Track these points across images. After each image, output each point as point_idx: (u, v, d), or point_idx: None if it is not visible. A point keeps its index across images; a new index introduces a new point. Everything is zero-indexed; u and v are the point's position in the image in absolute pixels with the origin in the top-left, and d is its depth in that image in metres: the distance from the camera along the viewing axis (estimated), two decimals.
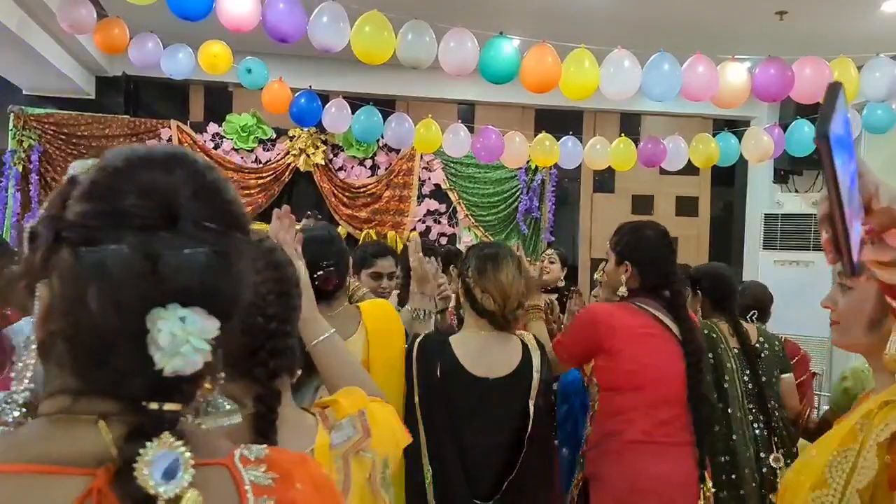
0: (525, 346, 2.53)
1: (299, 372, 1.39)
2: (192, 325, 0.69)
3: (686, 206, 7.92)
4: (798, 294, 7.03)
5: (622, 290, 2.75)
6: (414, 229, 7.05)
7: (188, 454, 0.68)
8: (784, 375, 3.45)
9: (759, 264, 7.39)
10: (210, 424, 0.81)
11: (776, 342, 3.54)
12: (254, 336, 1.28)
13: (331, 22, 4.25)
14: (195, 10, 4.14)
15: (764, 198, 7.70)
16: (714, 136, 6.06)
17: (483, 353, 2.47)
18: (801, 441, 3.32)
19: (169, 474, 0.67)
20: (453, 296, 3.03)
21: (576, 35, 4.68)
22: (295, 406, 1.39)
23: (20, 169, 6.47)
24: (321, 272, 2.21)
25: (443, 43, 4.43)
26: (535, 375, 2.47)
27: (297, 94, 5.67)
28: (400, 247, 6.39)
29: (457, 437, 2.43)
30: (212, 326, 0.70)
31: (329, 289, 2.27)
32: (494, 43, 4.50)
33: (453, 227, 7.20)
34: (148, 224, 0.69)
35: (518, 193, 7.32)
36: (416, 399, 2.41)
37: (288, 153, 6.87)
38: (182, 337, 0.68)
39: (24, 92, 6.62)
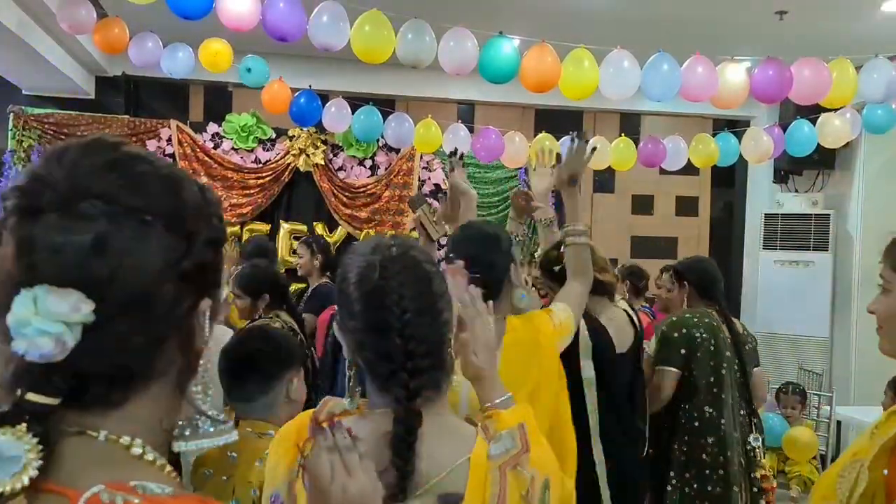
0: (629, 314, 2.68)
1: (454, 377, 1.41)
2: (42, 305, 0.66)
3: (686, 207, 7.92)
4: (798, 294, 7.04)
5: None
6: (413, 229, 7.03)
7: (35, 459, 0.64)
8: (755, 369, 3.78)
9: (759, 264, 7.39)
10: (187, 448, 0.76)
11: (752, 336, 3.91)
12: (391, 358, 1.27)
13: (331, 21, 4.25)
14: (195, 10, 4.13)
15: (764, 198, 7.70)
16: (714, 136, 6.06)
17: (615, 327, 2.66)
18: None
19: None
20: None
21: (575, 35, 4.67)
22: (454, 415, 1.40)
23: (20, 169, 6.45)
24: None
25: (442, 42, 4.43)
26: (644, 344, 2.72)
27: (296, 94, 5.66)
28: None
29: (619, 415, 2.52)
30: (68, 308, 0.66)
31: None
32: (494, 43, 4.50)
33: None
34: (28, 208, 0.69)
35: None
36: (585, 380, 2.55)
37: (288, 153, 6.86)
38: (25, 318, 0.65)
39: (23, 92, 6.61)
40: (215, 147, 6.80)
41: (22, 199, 0.70)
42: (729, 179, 7.92)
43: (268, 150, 6.89)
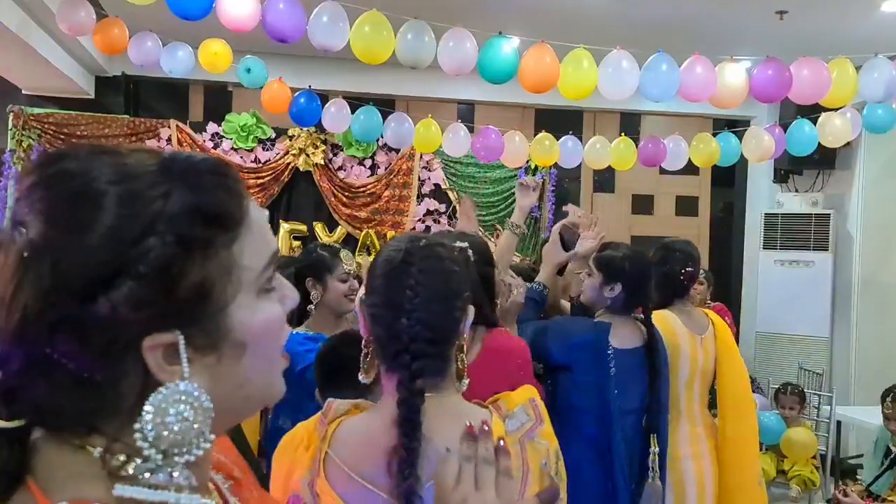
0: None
1: (466, 381, 1.44)
2: None
3: (686, 206, 7.92)
4: (798, 294, 7.04)
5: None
6: (413, 229, 7.05)
7: None
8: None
9: (760, 264, 7.39)
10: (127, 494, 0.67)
11: None
12: (399, 337, 1.33)
13: (330, 22, 4.24)
14: (195, 10, 4.13)
15: (764, 197, 7.70)
16: (714, 135, 6.06)
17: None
18: None
19: None
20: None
21: (574, 35, 4.66)
22: (464, 399, 1.45)
23: (20, 169, 6.45)
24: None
25: (442, 43, 4.42)
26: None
27: (296, 94, 5.66)
28: None
29: None
30: None
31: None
32: (493, 43, 4.49)
33: (453, 227, 7.20)
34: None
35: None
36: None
37: (287, 153, 6.87)
38: None
39: (23, 91, 6.61)
40: (215, 147, 6.80)
41: None
42: (729, 179, 7.92)
43: (267, 150, 6.89)
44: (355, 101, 5.89)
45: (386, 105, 6.37)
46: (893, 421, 4.12)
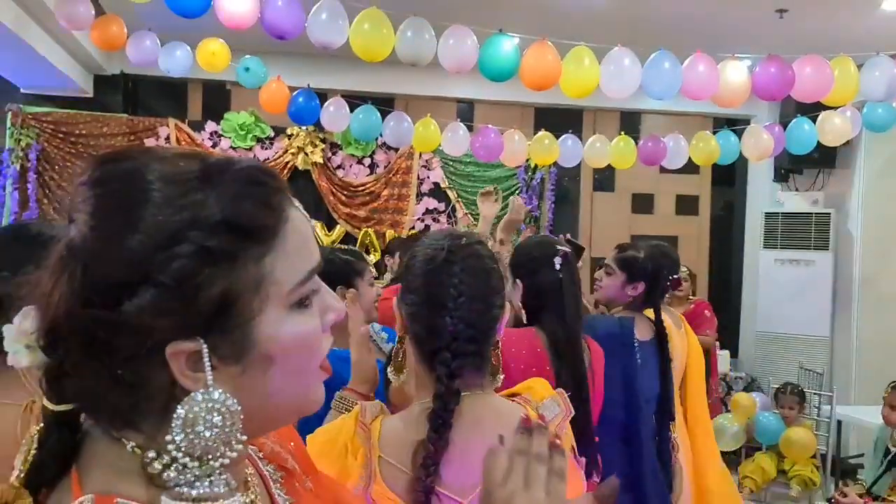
0: None
1: (501, 377, 1.46)
2: (18, 322, 0.69)
3: (686, 205, 7.91)
4: (799, 293, 7.03)
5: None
6: (412, 228, 7.04)
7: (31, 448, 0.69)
8: None
9: (760, 263, 7.38)
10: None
11: None
12: (440, 335, 1.34)
13: (329, 19, 4.22)
14: (193, 8, 4.11)
15: (764, 196, 7.69)
16: (713, 134, 6.04)
17: None
18: None
19: None
20: None
21: (576, 33, 4.65)
22: (495, 395, 1.46)
23: (18, 168, 6.44)
24: None
25: (442, 40, 4.41)
26: None
27: (295, 93, 5.64)
28: None
29: None
30: (24, 327, 0.69)
31: None
32: (494, 40, 4.47)
33: (452, 226, 7.18)
34: None
35: (517, 192, 7.30)
36: None
37: (286, 152, 6.85)
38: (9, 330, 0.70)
39: (21, 90, 6.59)
40: (214, 146, 6.78)
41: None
42: (729, 178, 7.91)
43: (266, 149, 6.87)
44: (354, 100, 5.87)
45: (385, 104, 6.35)
46: (888, 407, 4.10)
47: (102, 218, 0.67)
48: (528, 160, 6.61)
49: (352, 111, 5.76)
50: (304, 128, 6.70)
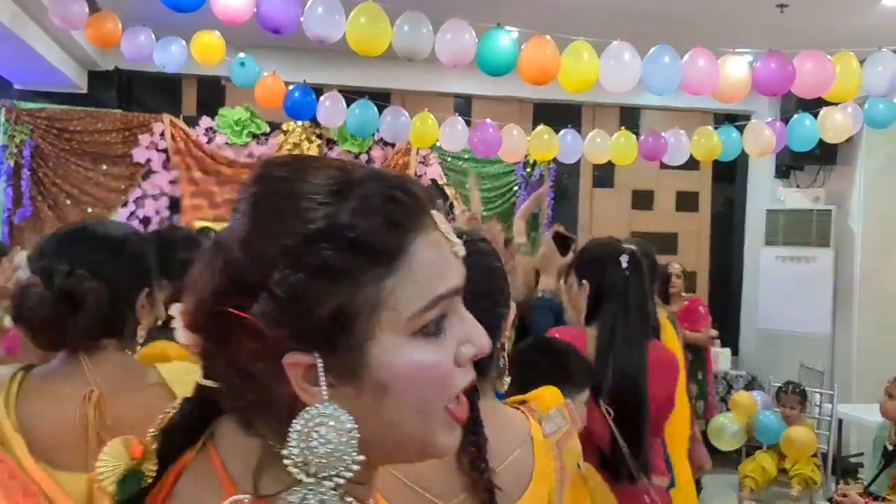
0: None
1: (507, 379, 1.42)
2: None
3: (686, 202, 7.86)
4: (800, 290, 7.00)
5: None
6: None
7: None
8: None
9: (761, 260, 7.35)
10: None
11: None
12: None
13: (325, 13, 4.19)
14: (188, 2, 4.09)
15: (765, 193, 7.65)
16: (715, 129, 6.01)
17: None
18: None
19: None
20: None
21: (575, 27, 4.62)
22: (499, 402, 1.44)
23: (12, 164, 6.42)
24: None
25: (440, 34, 4.37)
26: None
27: (290, 88, 5.60)
28: None
29: None
30: None
31: None
32: (492, 34, 4.43)
33: (450, 223, 7.12)
34: None
35: (516, 188, 7.26)
36: None
37: (282, 147, 6.80)
38: None
39: (15, 86, 6.56)
40: (209, 141, 6.74)
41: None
42: (730, 174, 7.87)
43: (262, 145, 6.83)
44: (350, 95, 5.82)
45: (381, 99, 6.31)
46: (887, 395, 4.06)
47: (244, 220, 0.69)
48: (527, 156, 6.57)
49: (348, 106, 5.72)
50: (299, 123, 6.66)
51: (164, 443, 0.74)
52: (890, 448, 4.04)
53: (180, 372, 1.52)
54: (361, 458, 0.66)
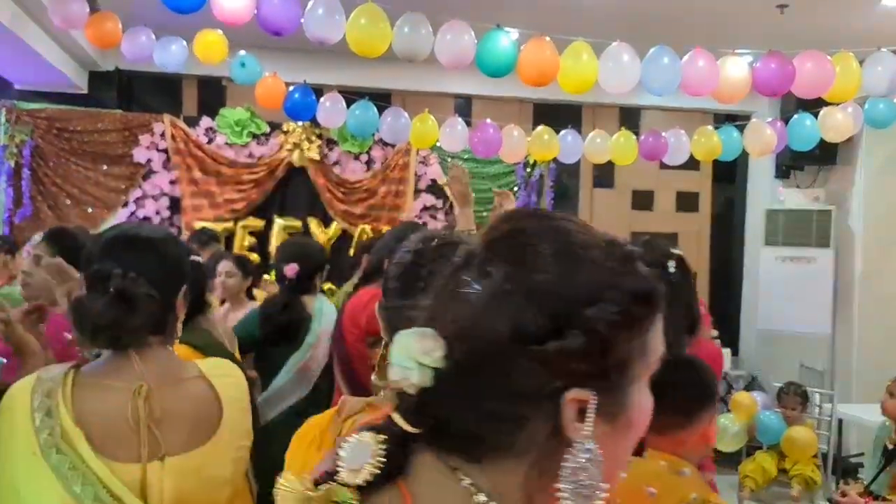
0: None
1: None
2: (406, 342, 0.76)
3: (687, 202, 7.86)
4: (800, 290, 6.99)
5: None
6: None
7: (373, 468, 0.73)
8: None
9: (761, 260, 7.34)
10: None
11: None
12: None
13: (326, 14, 4.19)
14: (188, 4, 4.09)
15: (765, 193, 7.65)
16: (714, 129, 6.01)
17: None
18: None
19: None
20: None
21: (574, 28, 4.63)
22: None
23: (12, 164, 6.41)
24: None
25: (439, 35, 4.38)
26: None
27: (291, 89, 5.60)
28: None
29: None
30: (420, 350, 0.75)
31: None
32: (492, 36, 4.44)
33: (449, 221, 7.14)
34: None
35: (516, 189, 7.26)
36: None
37: (282, 148, 6.80)
38: (395, 350, 0.78)
39: (15, 87, 6.57)
40: (209, 142, 6.74)
41: (457, 257, 0.81)
42: (730, 174, 7.88)
43: (262, 145, 6.83)
44: (351, 96, 5.82)
45: (382, 99, 6.31)
46: (888, 394, 4.06)
47: (549, 265, 0.73)
48: (527, 156, 6.57)
49: (348, 107, 5.72)
50: (300, 124, 6.65)
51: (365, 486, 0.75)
52: (890, 448, 4.05)
53: (215, 366, 1.66)
54: (606, 486, 0.72)
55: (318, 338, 3.42)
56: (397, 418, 0.75)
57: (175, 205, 6.71)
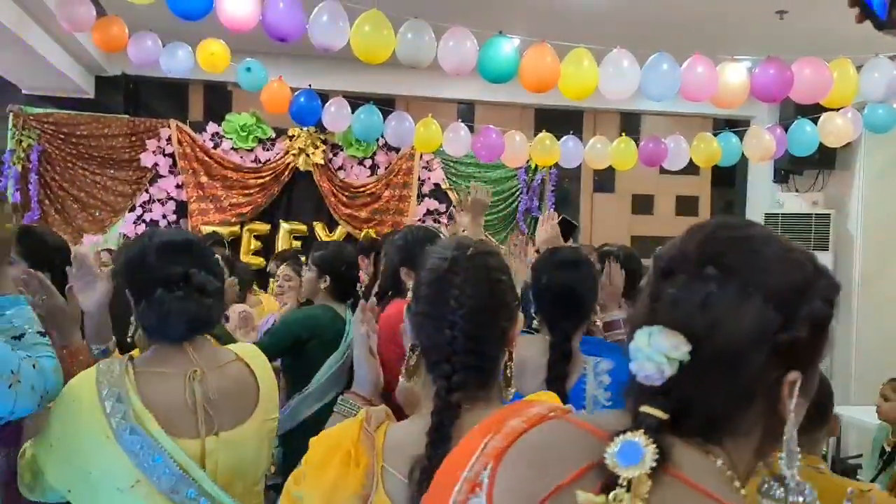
0: None
1: (512, 390, 1.42)
2: (654, 340, 0.85)
3: (686, 206, 7.92)
4: None
5: None
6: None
7: (652, 456, 0.79)
8: None
9: None
10: None
11: None
12: (439, 347, 1.32)
13: (330, 21, 4.23)
14: (195, 9, 4.12)
15: (765, 197, 7.69)
16: (714, 135, 6.05)
17: None
18: None
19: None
20: None
21: (575, 34, 4.66)
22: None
23: (19, 169, 6.47)
24: None
25: (442, 42, 4.42)
26: None
27: (296, 94, 5.65)
28: None
29: None
30: (669, 346, 0.84)
31: None
32: (494, 42, 4.48)
33: (453, 225, 7.18)
34: (664, 270, 0.93)
35: (518, 193, 7.32)
36: None
37: (287, 153, 6.86)
38: (640, 346, 0.86)
39: (23, 91, 6.63)
40: (215, 147, 6.80)
41: (662, 263, 0.91)
42: (729, 179, 7.92)
43: (267, 150, 6.88)
44: (355, 101, 5.87)
45: (386, 104, 6.36)
46: (882, 398, 4.09)
47: (773, 266, 0.86)
48: (528, 161, 6.61)
49: (353, 112, 5.76)
50: (305, 129, 6.71)
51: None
52: (888, 449, 4.08)
53: (245, 350, 1.85)
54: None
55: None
56: (649, 409, 0.83)
57: (181, 209, 6.77)
